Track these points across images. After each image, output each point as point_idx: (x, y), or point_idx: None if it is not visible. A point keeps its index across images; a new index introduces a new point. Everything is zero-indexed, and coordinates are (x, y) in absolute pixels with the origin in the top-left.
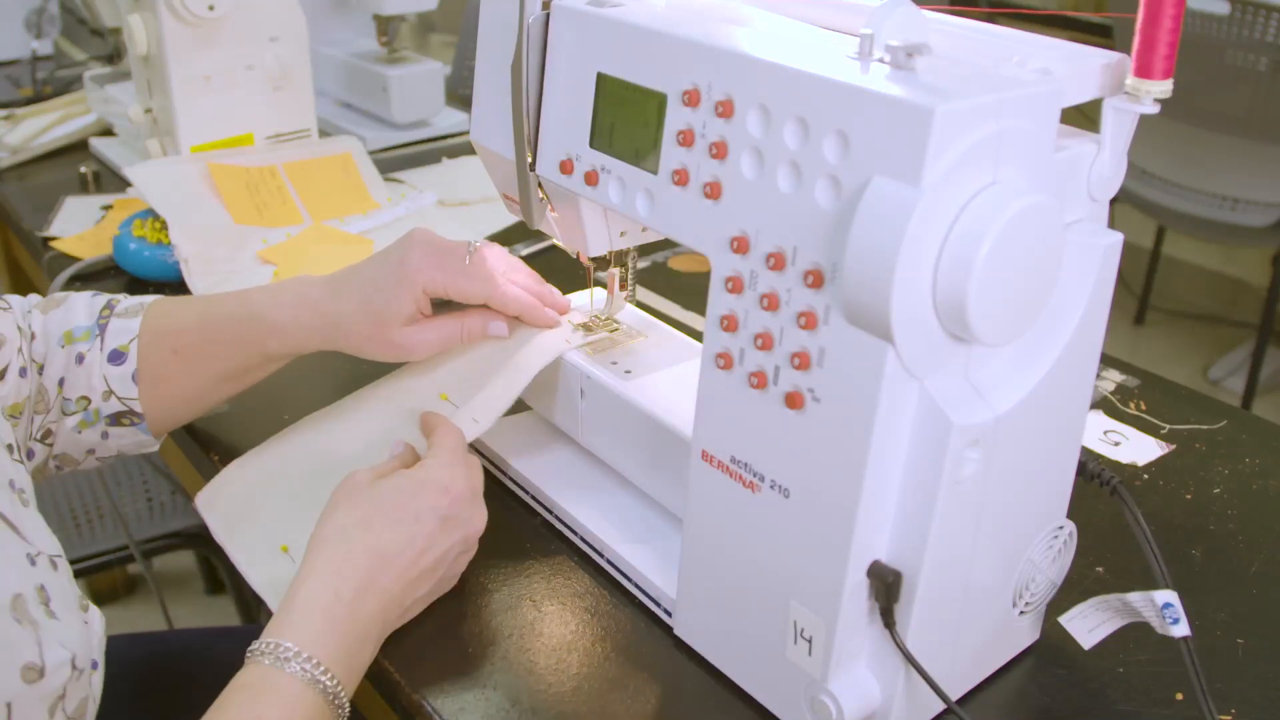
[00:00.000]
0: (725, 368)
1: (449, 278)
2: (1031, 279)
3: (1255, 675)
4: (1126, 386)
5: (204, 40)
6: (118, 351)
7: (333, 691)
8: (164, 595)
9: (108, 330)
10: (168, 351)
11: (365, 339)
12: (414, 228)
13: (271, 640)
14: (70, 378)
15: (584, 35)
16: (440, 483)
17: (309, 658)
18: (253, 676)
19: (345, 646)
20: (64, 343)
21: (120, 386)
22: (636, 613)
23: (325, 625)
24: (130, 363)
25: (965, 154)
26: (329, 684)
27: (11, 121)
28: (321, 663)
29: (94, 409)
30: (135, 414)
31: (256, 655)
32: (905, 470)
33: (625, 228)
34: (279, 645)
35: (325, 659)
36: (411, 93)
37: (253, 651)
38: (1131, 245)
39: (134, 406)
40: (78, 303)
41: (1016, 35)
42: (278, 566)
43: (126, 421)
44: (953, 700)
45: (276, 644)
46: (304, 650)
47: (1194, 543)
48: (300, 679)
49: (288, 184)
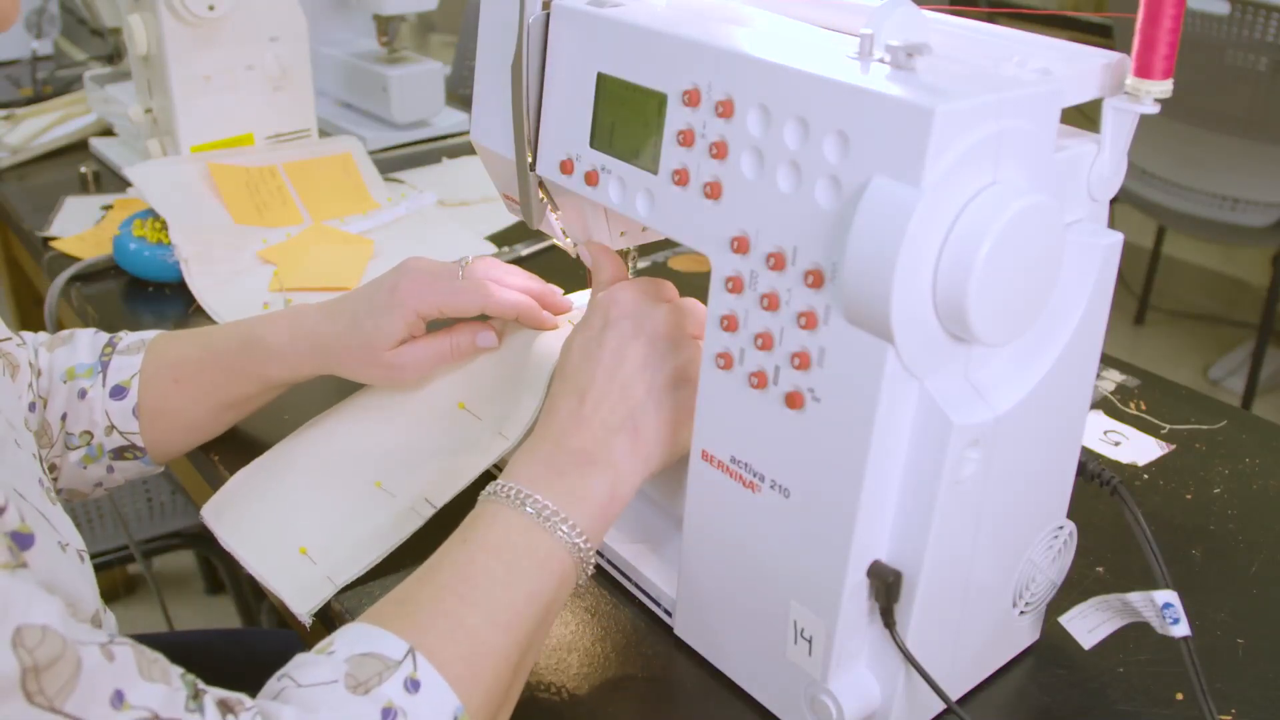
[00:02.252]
0: (725, 368)
1: (441, 298)
2: (1031, 279)
3: (1255, 675)
4: (1126, 386)
5: (204, 40)
6: (120, 387)
7: (575, 543)
8: (164, 595)
9: (110, 367)
10: (169, 383)
11: (357, 361)
12: (409, 256)
13: (502, 483)
14: (72, 413)
15: (584, 35)
16: (603, 298)
17: (553, 509)
18: (493, 515)
19: (558, 477)
20: (66, 378)
21: (122, 421)
22: (636, 613)
23: (528, 458)
24: (131, 397)
25: (965, 154)
26: (569, 533)
27: (11, 121)
28: (555, 507)
29: (97, 444)
30: (138, 448)
31: (495, 496)
32: (905, 470)
33: (625, 228)
34: (506, 486)
35: (539, 490)
36: (411, 93)
37: (488, 494)
38: (1131, 245)
39: (135, 441)
40: (81, 339)
41: (1016, 35)
42: (300, 571)
43: (130, 455)
44: (953, 700)
45: (506, 485)
46: (537, 494)
47: (1194, 543)
48: (541, 526)
49: (288, 184)
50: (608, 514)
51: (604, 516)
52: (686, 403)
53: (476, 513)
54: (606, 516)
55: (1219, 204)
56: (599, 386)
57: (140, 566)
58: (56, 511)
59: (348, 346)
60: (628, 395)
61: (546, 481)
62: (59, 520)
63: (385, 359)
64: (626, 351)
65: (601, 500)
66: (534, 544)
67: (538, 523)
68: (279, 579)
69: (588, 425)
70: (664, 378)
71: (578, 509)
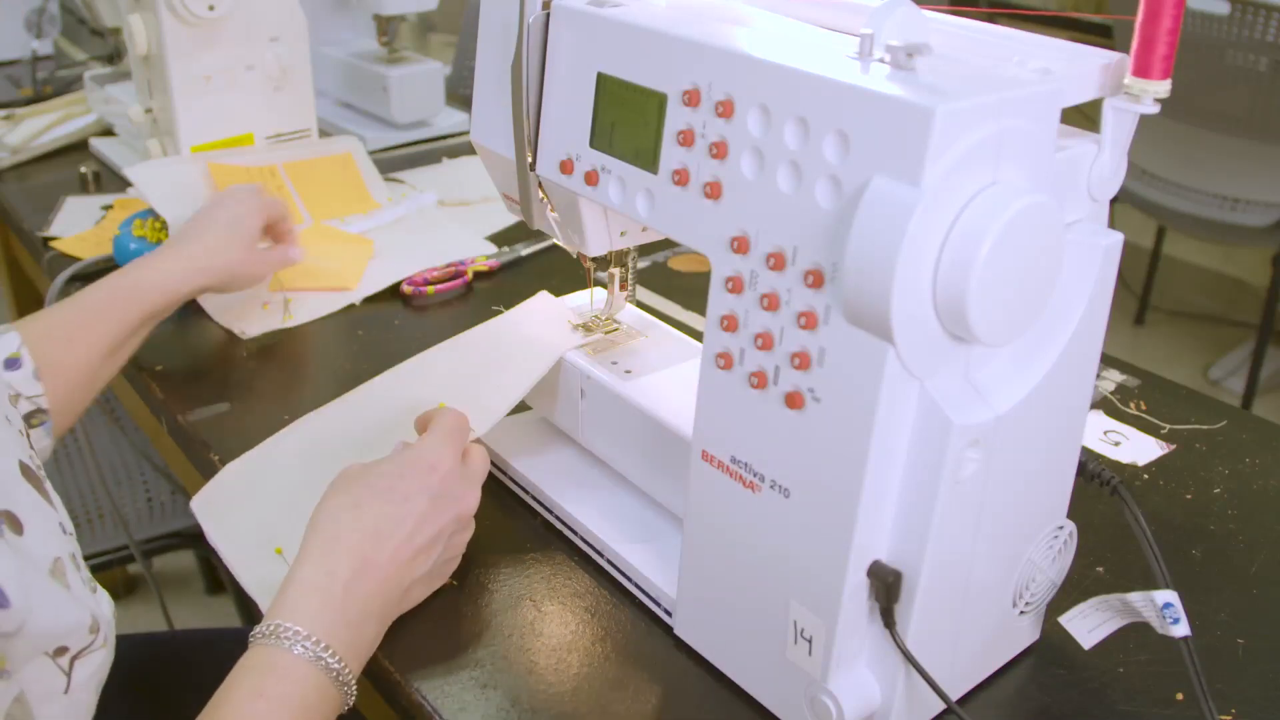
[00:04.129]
0: (725, 368)
1: (269, 209)
2: (1031, 279)
3: (1255, 675)
4: (1126, 386)
5: (204, 40)
6: (11, 359)
7: (336, 669)
8: (164, 595)
9: None
10: (61, 343)
11: (239, 262)
12: (220, 194)
13: (271, 622)
14: None
15: (584, 35)
16: (427, 461)
17: (308, 635)
18: (256, 658)
19: (345, 625)
20: None
21: (26, 387)
22: (636, 613)
23: (322, 604)
24: (28, 363)
25: (965, 154)
26: (332, 661)
27: (11, 121)
28: (321, 640)
29: None
30: (44, 411)
31: (259, 639)
32: (905, 470)
33: (625, 227)
34: (279, 626)
35: (325, 637)
36: (411, 93)
37: (254, 635)
38: (1131, 245)
39: (41, 404)
40: None
41: (1016, 35)
42: (270, 569)
43: (36, 421)
44: (953, 700)
45: (276, 625)
46: (303, 629)
47: (1194, 543)
48: (303, 658)
49: (288, 184)
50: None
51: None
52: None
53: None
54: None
55: (1219, 204)
56: (394, 545)
57: (140, 566)
58: (49, 491)
59: (227, 251)
60: (413, 566)
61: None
62: (55, 500)
63: (239, 270)
64: (431, 526)
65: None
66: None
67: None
68: (251, 577)
69: (371, 575)
70: (439, 549)
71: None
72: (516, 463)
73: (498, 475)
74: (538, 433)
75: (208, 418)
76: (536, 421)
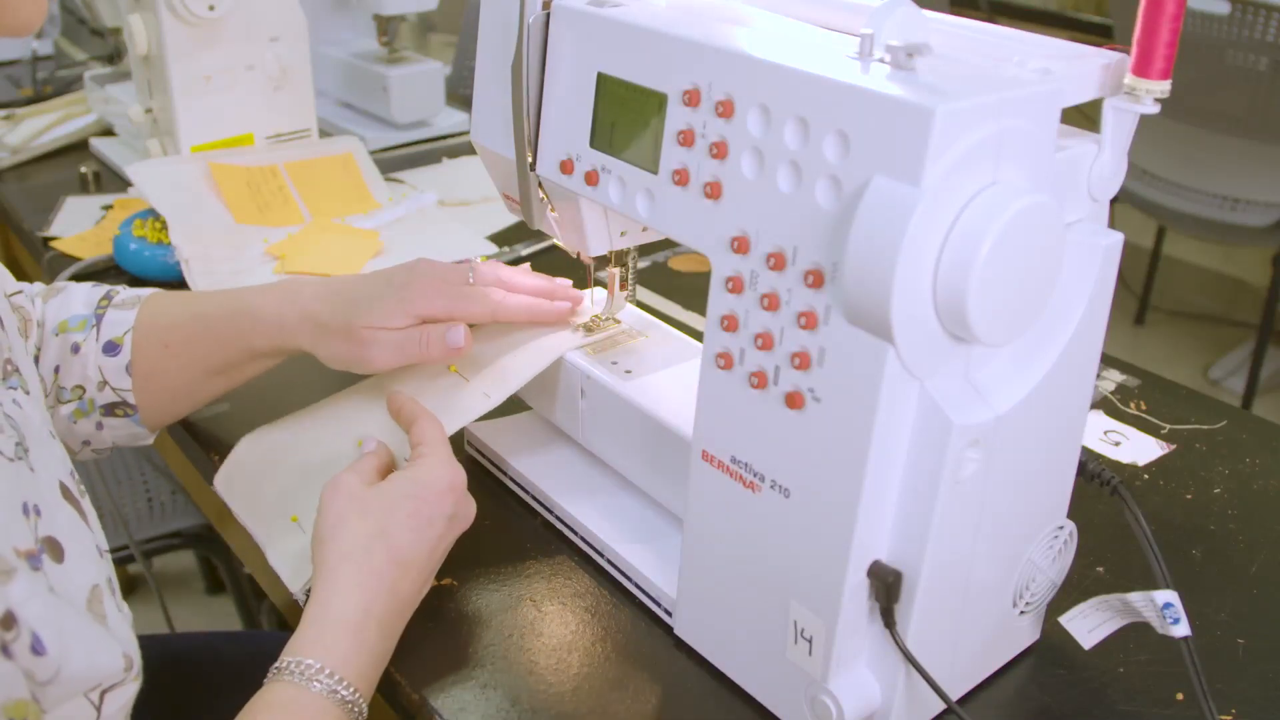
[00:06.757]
0: (725, 368)
1: (450, 303)
2: (1031, 279)
3: (1255, 675)
4: (1127, 386)
5: (204, 40)
6: (113, 343)
7: (352, 701)
8: (164, 595)
9: (104, 321)
10: (159, 347)
11: (341, 343)
12: (419, 258)
13: (298, 659)
14: (65, 366)
15: (584, 35)
16: (445, 482)
17: (331, 673)
18: (278, 695)
19: (370, 661)
20: (58, 331)
21: (115, 378)
22: (636, 613)
23: (355, 644)
24: (125, 354)
25: (965, 154)
26: (348, 695)
27: (11, 121)
28: (345, 678)
29: (89, 399)
30: (129, 405)
31: (283, 674)
32: (905, 470)
33: (625, 227)
34: (304, 664)
35: (350, 675)
36: (411, 93)
37: (278, 670)
38: (1131, 245)
39: (127, 398)
40: (76, 293)
41: (1016, 35)
42: (289, 539)
43: (121, 413)
44: (953, 700)
45: (302, 662)
46: (328, 667)
47: (1194, 543)
48: (324, 696)
49: (289, 184)
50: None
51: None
52: None
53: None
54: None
55: (1219, 204)
56: (417, 571)
57: (140, 566)
58: (87, 505)
59: (336, 328)
60: (426, 586)
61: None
62: (92, 517)
63: (361, 334)
64: (445, 547)
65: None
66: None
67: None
68: (274, 551)
69: (397, 605)
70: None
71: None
72: (516, 462)
73: (498, 475)
74: (537, 433)
75: (208, 418)
76: (536, 421)
